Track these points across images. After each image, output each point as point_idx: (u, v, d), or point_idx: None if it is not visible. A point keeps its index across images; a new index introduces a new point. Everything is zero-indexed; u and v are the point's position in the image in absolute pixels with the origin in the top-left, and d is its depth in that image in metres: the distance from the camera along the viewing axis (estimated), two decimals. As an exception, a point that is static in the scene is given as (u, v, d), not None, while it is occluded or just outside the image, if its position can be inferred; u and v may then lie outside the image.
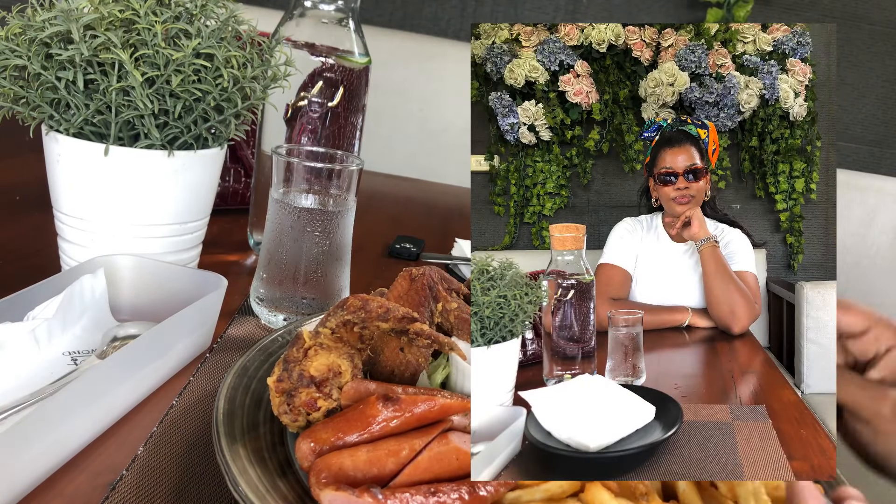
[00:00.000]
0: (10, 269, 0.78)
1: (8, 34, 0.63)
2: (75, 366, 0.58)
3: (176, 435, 0.54)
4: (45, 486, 0.46)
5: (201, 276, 0.67)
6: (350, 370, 0.49)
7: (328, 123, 0.89)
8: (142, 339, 0.54)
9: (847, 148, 2.21)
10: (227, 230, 1.03)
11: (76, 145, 0.66)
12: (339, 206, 0.73)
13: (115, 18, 0.63)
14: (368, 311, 0.49)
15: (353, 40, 0.89)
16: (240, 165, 1.11)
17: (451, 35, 2.18)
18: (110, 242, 0.69)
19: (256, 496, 0.41)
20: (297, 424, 0.48)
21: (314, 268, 0.73)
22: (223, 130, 0.74)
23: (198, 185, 0.73)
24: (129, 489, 0.47)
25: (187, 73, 0.66)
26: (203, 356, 0.67)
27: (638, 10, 2.15)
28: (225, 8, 0.71)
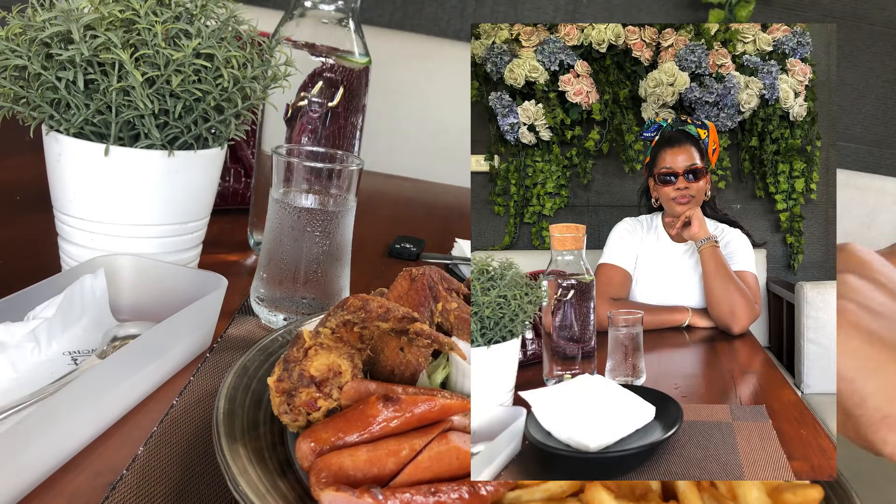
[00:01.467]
0: (10, 269, 0.78)
1: (8, 34, 0.63)
2: (75, 366, 0.58)
3: (176, 435, 0.54)
4: (46, 485, 0.46)
5: (201, 276, 0.67)
6: (350, 370, 0.49)
7: (328, 123, 0.89)
8: (142, 339, 0.54)
9: (847, 148, 2.21)
10: (227, 230, 1.03)
11: (76, 145, 0.66)
12: (339, 206, 0.73)
13: (115, 18, 0.63)
14: (368, 311, 0.49)
15: (353, 40, 0.89)
16: (240, 165, 1.11)
17: (451, 35, 2.18)
18: (110, 242, 0.69)
19: (256, 496, 0.41)
20: (298, 424, 0.48)
21: (314, 268, 0.73)
22: (223, 130, 0.74)
23: (198, 185, 0.73)
24: (130, 489, 0.47)
25: (187, 73, 0.66)
26: (203, 356, 0.67)
27: (638, 10, 2.15)
28: (225, 8, 0.71)
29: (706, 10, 2.08)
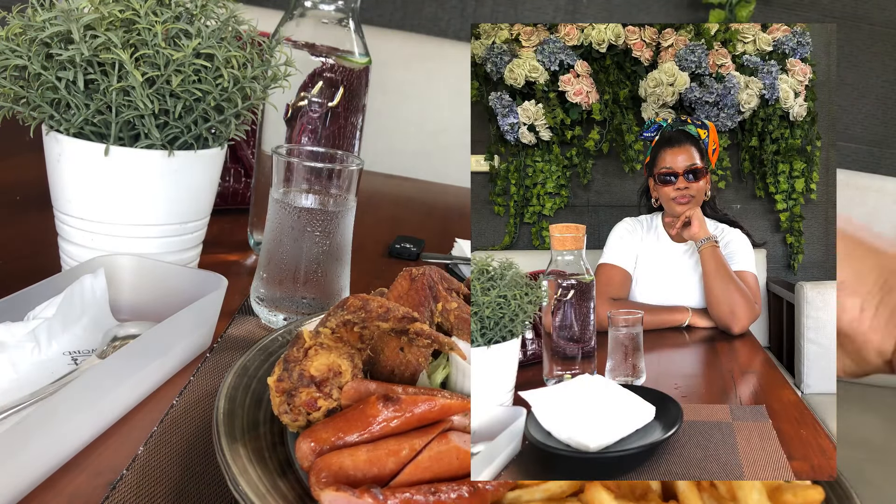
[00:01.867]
0: (10, 269, 0.78)
1: (8, 34, 0.63)
2: (75, 366, 0.58)
3: (176, 435, 0.54)
4: (46, 485, 0.46)
5: (201, 276, 0.67)
6: (350, 370, 0.49)
7: (328, 123, 0.89)
8: (142, 339, 0.54)
9: (847, 148, 2.21)
10: (227, 230, 1.03)
11: (76, 145, 0.66)
12: (339, 206, 0.73)
13: (115, 18, 0.63)
14: (369, 310, 0.49)
15: (353, 40, 0.89)
16: (240, 165, 1.11)
17: (451, 35, 2.18)
18: (110, 242, 0.69)
19: (256, 496, 0.41)
20: (298, 424, 0.48)
21: (314, 268, 0.73)
22: (223, 130, 0.74)
23: (198, 185, 0.73)
24: (130, 489, 0.47)
25: (187, 73, 0.66)
26: (203, 356, 0.67)
27: (638, 10, 2.15)
28: (225, 8, 0.71)
29: (706, 11, 2.08)
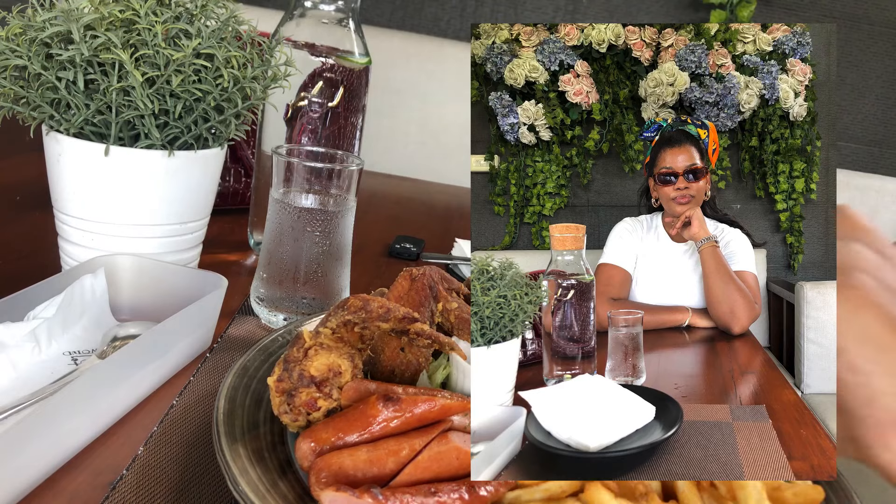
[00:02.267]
0: (10, 269, 0.78)
1: (8, 34, 0.63)
2: (75, 366, 0.58)
3: (176, 435, 0.54)
4: (46, 485, 0.46)
5: (201, 276, 0.67)
6: (350, 370, 0.49)
7: (328, 123, 0.89)
8: (142, 339, 0.54)
9: (847, 148, 2.21)
10: (227, 230, 1.03)
11: (76, 145, 0.66)
12: (339, 206, 0.73)
13: (115, 18, 0.63)
14: (369, 311, 0.49)
15: (353, 40, 0.89)
16: (240, 165, 1.11)
17: (451, 35, 2.18)
18: (110, 242, 0.69)
19: (256, 496, 0.41)
20: (298, 424, 0.48)
21: (314, 268, 0.73)
22: (223, 130, 0.74)
23: (198, 185, 0.73)
24: (130, 489, 0.47)
25: (187, 74, 0.66)
26: (203, 356, 0.67)
27: (638, 10, 2.15)
28: (225, 8, 0.71)
29: (707, 11, 2.08)
